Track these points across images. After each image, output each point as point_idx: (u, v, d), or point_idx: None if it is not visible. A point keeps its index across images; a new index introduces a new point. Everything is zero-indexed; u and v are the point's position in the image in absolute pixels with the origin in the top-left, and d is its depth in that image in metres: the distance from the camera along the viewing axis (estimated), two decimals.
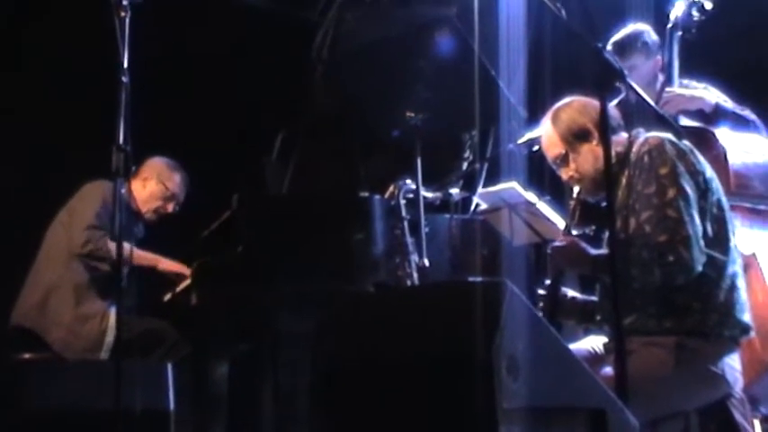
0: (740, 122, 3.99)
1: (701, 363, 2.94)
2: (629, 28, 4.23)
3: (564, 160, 3.17)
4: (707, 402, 3.00)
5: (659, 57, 4.17)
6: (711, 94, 4.06)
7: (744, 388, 3.09)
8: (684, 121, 3.95)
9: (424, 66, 4.00)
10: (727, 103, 4.05)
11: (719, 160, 3.77)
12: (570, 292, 3.27)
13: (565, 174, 3.20)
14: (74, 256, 4.33)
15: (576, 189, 3.18)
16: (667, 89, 4.01)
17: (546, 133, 3.21)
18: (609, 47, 4.10)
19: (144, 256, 4.33)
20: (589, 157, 3.12)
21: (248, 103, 5.28)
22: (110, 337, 4.26)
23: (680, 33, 4.04)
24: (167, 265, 4.42)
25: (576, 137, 3.14)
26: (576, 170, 3.16)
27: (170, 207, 4.68)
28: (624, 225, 2.97)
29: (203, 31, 5.34)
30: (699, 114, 4.00)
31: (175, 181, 4.67)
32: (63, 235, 4.39)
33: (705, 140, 3.81)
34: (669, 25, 4.04)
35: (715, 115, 3.98)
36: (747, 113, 4.04)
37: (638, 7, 4.32)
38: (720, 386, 2.97)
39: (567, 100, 3.22)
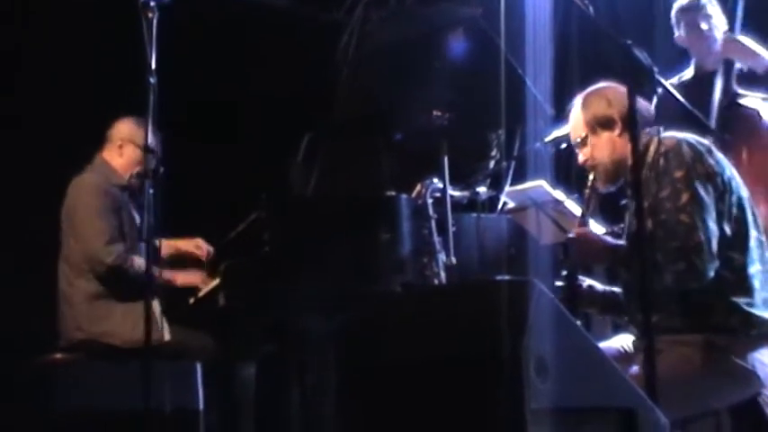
0: None
1: (731, 359, 2.91)
2: None
3: (584, 143, 3.19)
4: (738, 400, 2.97)
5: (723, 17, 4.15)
6: None
7: None
8: (743, 92, 3.89)
9: (449, 65, 3.99)
10: None
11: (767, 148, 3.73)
12: (588, 281, 3.26)
13: (582, 156, 3.21)
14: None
15: (591, 177, 3.18)
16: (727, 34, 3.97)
17: (573, 114, 3.23)
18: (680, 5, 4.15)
19: (162, 275, 4.04)
20: (608, 145, 3.14)
21: (274, 104, 5.29)
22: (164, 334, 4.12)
23: None
24: (185, 279, 4.31)
25: (599, 124, 3.15)
26: (592, 155, 3.17)
27: (152, 164, 4.52)
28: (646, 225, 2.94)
29: (230, 32, 5.36)
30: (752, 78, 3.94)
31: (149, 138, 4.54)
32: (77, 248, 4.24)
33: (754, 126, 3.76)
34: None
35: None
36: None
37: None
38: (751, 383, 2.94)
39: (601, 85, 3.21)
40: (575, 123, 3.22)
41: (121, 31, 3.68)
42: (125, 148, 4.36)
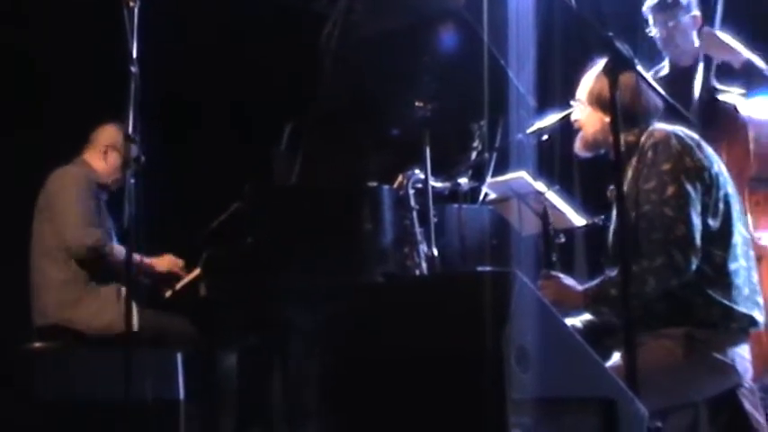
0: None
1: (711, 352, 2.94)
2: None
3: (582, 104, 3.24)
4: (717, 392, 2.99)
5: (698, 12, 4.18)
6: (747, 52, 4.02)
7: (754, 378, 3.08)
8: (721, 87, 3.93)
9: (433, 56, 3.99)
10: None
11: (745, 143, 3.77)
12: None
13: (575, 113, 3.27)
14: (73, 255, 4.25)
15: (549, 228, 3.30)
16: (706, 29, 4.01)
17: (589, 75, 3.24)
18: (650, 3, 4.19)
19: (143, 262, 4.18)
20: (595, 123, 3.18)
21: (256, 93, 5.28)
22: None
23: None
24: (164, 264, 4.36)
25: (597, 101, 3.17)
26: (582, 120, 3.23)
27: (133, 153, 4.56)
28: (628, 216, 2.96)
29: (211, 20, 5.34)
30: (729, 72, 3.98)
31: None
32: (54, 233, 4.26)
33: (732, 122, 3.80)
34: None
35: (746, 73, 3.96)
36: None
37: None
38: (730, 376, 2.97)
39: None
40: (584, 84, 3.25)
41: (104, 20, 3.65)
42: (109, 154, 4.45)
